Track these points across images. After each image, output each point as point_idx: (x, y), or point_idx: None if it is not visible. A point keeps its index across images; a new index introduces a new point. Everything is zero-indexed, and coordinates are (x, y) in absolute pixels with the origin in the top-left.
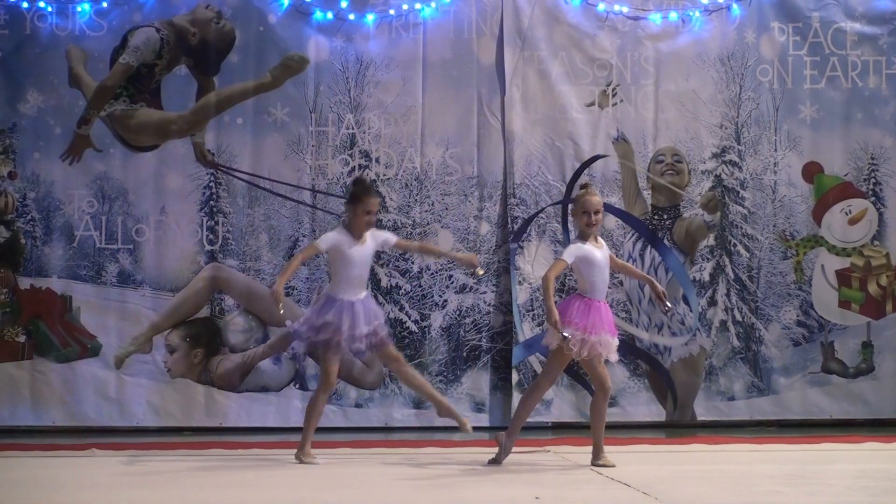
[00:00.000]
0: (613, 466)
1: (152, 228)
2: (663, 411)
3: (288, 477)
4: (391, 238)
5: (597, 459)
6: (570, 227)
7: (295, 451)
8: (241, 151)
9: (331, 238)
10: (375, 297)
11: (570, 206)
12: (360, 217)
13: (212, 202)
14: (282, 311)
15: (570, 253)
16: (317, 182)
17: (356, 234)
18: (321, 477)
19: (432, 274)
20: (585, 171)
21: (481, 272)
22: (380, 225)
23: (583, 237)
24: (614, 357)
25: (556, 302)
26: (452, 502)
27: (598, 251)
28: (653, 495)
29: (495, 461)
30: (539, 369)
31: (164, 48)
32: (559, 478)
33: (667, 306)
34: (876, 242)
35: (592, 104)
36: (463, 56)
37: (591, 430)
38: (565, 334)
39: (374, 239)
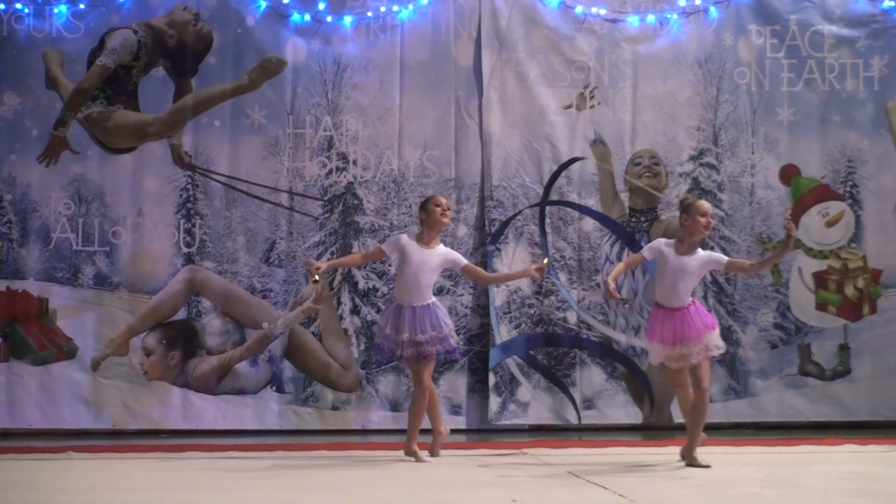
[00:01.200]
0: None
1: (129, 231)
2: (640, 414)
3: (265, 479)
4: (461, 260)
5: (686, 458)
6: (548, 229)
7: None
8: (219, 154)
9: (394, 240)
10: (352, 300)
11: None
12: (433, 214)
13: (189, 204)
14: (315, 281)
15: (650, 247)
16: (294, 184)
17: (427, 237)
18: (299, 480)
19: None
20: (562, 174)
21: (546, 261)
22: (356, 227)
23: (681, 241)
24: (710, 354)
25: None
26: None
27: (683, 257)
28: (629, 497)
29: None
30: (516, 372)
31: (141, 50)
32: (536, 480)
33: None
34: (853, 245)
35: (570, 106)
36: (440, 58)
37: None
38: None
39: (445, 253)
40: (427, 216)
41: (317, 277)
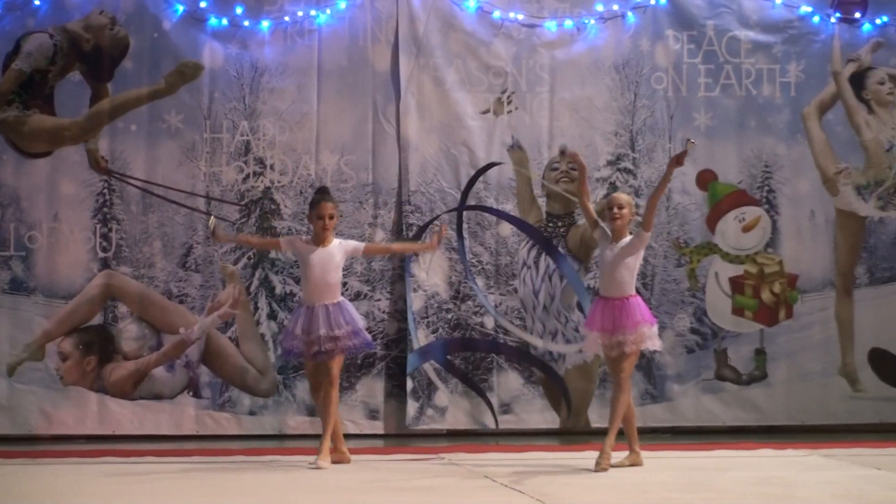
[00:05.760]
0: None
1: (45, 235)
2: (557, 418)
3: (180, 485)
4: (360, 246)
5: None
6: (465, 234)
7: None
8: (135, 158)
9: (293, 238)
10: (269, 305)
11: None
12: (314, 223)
13: (105, 209)
14: (211, 223)
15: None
16: (211, 189)
17: (315, 239)
18: (214, 485)
19: None
20: (480, 178)
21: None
22: (274, 233)
23: (612, 231)
24: (645, 346)
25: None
26: None
27: (606, 249)
28: (546, 502)
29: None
30: (433, 377)
31: (57, 54)
32: (453, 485)
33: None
34: (769, 250)
35: (487, 111)
36: (358, 63)
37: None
38: None
39: (342, 247)
40: (311, 223)
41: (212, 223)
